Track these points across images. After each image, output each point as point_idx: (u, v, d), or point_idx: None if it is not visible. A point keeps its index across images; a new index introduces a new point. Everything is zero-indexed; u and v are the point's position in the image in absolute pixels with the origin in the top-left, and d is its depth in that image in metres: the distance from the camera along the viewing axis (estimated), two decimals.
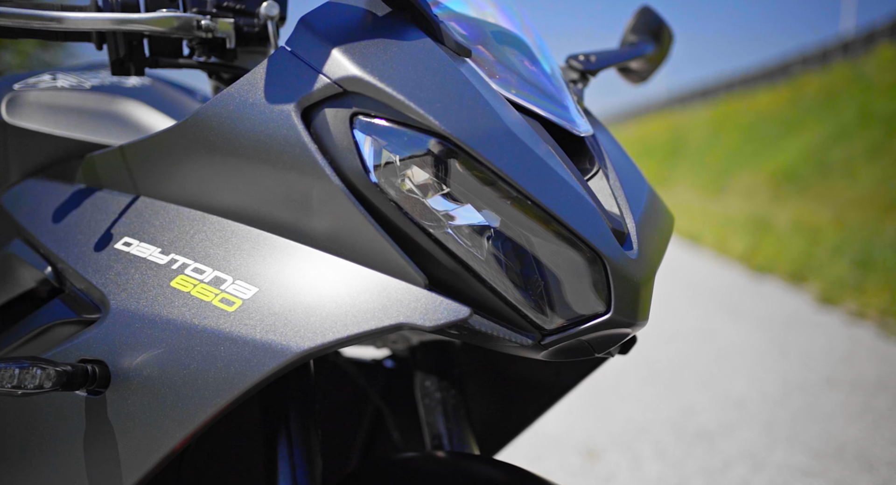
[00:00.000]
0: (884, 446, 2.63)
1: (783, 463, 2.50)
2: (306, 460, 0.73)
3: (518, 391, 0.97)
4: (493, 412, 1.00)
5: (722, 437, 2.74)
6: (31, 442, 0.72)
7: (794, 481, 2.37)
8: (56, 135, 0.87)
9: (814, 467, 2.47)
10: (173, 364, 0.64)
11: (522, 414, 0.98)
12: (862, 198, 9.21)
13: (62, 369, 0.63)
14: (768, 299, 5.34)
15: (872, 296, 4.80)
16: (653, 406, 3.08)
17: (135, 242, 0.71)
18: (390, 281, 0.61)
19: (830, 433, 2.76)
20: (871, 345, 3.99)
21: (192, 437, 0.64)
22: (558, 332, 0.64)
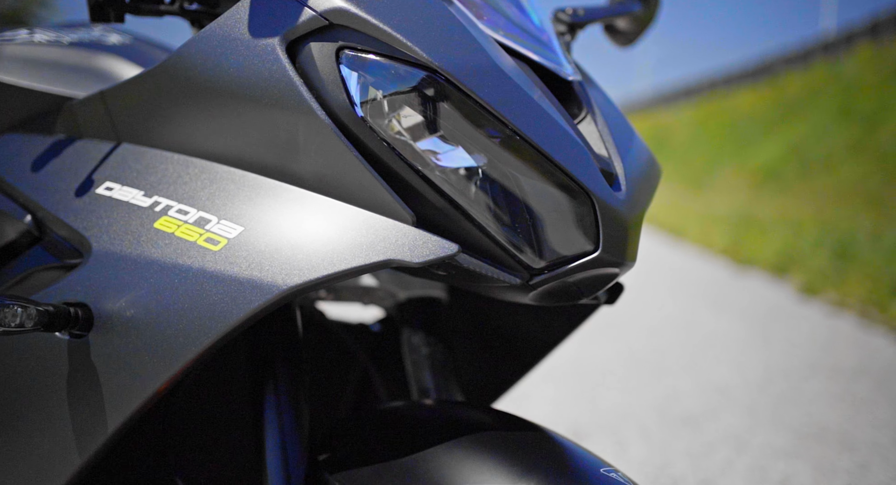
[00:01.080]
0: (864, 428, 2.67)
1: (766, 444, 2.53)
2: (293, 408, 0.73)
3: (507, 347, 0.97)
4: (482, 369, 1.00)
5: (706, 420, 2.76)
6: (11, 386, 0.71)
7: (777, 461, 2.39)
8: (33, 89, 0.85)
9: (796, 447, 2.50)
10: (157, 304, 0.64)
11: (511, 370, 0.98)
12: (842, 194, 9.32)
13: (44, 309, 0.63)
14: (751, 291, 5.38)
15: (853, 287, 4.85)
16: (637, 392, 3.10)
17: (117, 187, 0.71)
18: (378, 218, 0.61)
19: (812, 417, 2.79)
20: (851, 334, 4.03)
21: (177, 377, 0.64)
22: (546, 271, 0.64)
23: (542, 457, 0.65)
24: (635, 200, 0.68)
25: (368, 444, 0.70)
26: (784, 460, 2.40)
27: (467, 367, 0.99)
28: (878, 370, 3.35)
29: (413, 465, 0.66)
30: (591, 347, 3.68)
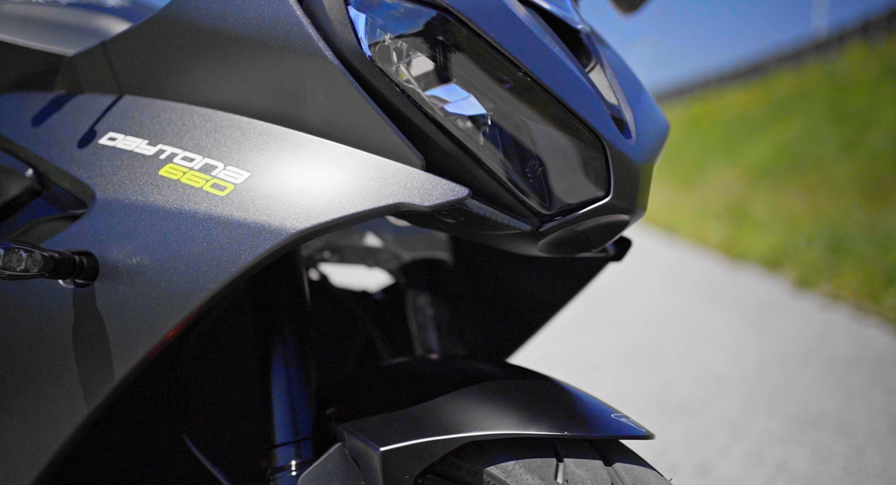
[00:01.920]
0: (860, 415, 2.68)
1: (763, 430, 2.53)
2: (301, 362, 0.72)
3: (512, 308, 0.97)
4: (487, 331, 0.99)
5: (702, 408, 2.77)
6: (17, 337, 0.70)
7: (774, 446, 2.40)
8: (32, 47, 0.85)
9: (792, 434, 2.50)
10: (164, 251, 0.63)
11: (517, 331, 0.97)
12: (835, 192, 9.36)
13: (49, 255, 0.62)
14: (745, 285, 5.40)
15: (847, 280, 4.87)
16: (633, 381, 3.10)
17: (120, 137, 0.70)
18: (388, 162, 0.60)
19: (808, 403, 2.80)
20: (846, 325, 4.05)
21: (185, 324, 0.63)
22: (556, 217, 0.64)
23: (551, 403, 0.65)
24: (646, 149, 0.68)
25: (375, 396, 0.70)
26: (781, 445, 2.40)
27: (472, 329, 0.98)
28: (874, 360, 3.37)
29: (422, 413, 0.65)
30: (585, 337, 3.68)
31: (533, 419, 0.62)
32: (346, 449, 0.67)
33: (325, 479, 0.67)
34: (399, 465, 0.63)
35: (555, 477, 0.60)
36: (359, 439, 0.65)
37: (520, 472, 0.61)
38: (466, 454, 0.64)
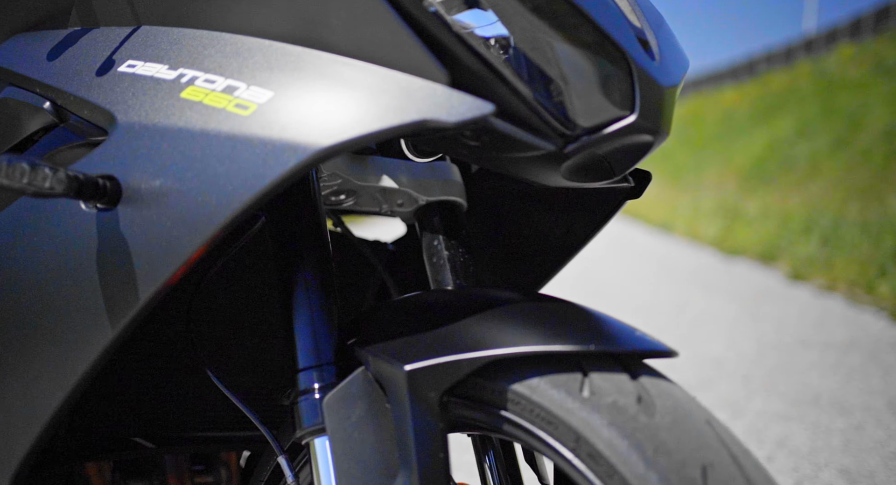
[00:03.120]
0: (857, 394, 2.70)
1: (762, 410, 2.55)
2: (322, 288, 0.72)
3: (528, 253, 0.97)
4: (504, 274, 0.99)
5: (701, 389, 2.78)
6: (41, 262, 0.70)
7: (774, 424, 2.41)
8: None
9: (791, 412, 2.52)
10: (187, 171, 0.63)
11: (535, 274, 0.97)
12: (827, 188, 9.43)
13: (73, 175, 0.62)
14: (740, 277, 5.43)
15: (841, 270, 4.91)
16: None
17: (139, 63, 0.70)
18: (411, 79, 0.61)
19: (806, 385, 2.82)
20: (841, 312, 4.08)
21: (209, 244, 0.63)
22: (581, 138, 0.64)
23: (575, 321, 0.65)
24: (670, 72, 0.68)
25: (397, 323, 0.70)
26: (780, 423, 2.42)
27: (488, 272, 0.98)
28: (869, 343, 3.39)
29: (445, 335, 0.66)
30: None
31: (557, 336, 0.63)
32: (370, 373, 0.68)
33: (349, 401, 0.67)
34: (424, 384, 0.63)
35: (580, 391, 0.60)
36: (383, 360, 0.65)
37: (545, 388, 0.62)
38: (490, 374, 0.64)
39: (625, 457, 0.57)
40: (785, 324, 3.84)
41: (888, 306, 4.00)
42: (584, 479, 0.59)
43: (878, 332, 3.60)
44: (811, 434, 2.31)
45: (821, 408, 2.55)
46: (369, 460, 0.65)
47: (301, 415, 0.69)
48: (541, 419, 0.62)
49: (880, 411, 2.50)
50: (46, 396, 0.69)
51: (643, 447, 0.57)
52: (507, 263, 1.00)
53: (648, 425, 0.58)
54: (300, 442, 0.71)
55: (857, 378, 2.88)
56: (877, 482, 1.94)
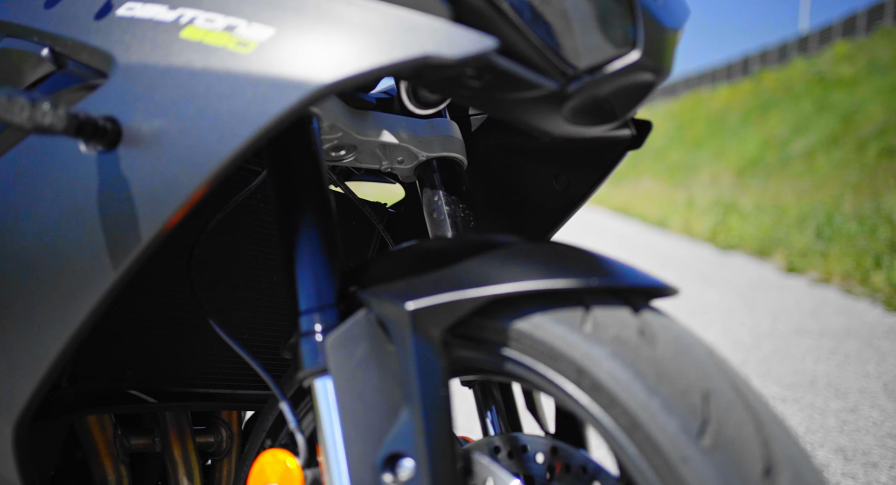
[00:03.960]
0: (852, 378, 2.71)
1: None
2: (324, 229, 0.73)
3: (529, 208, 0.97)
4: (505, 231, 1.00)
5: None
6: (42, 207, 0.70)
7: None
8: None
9: (787, 396, 2.53)
10: (188, 110, 0.63)
11: (536, 230, 0.98)
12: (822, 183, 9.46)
13: (73, 113, 0.62)
14: (736, 269, 5.45)
15: (835, 262, 4.93)
16: None
17: (138, 5, 0.70)
18: (413, 15, 0.61)
19: (801, 370, 2.83)
20: (836, 302, 4.10)
21: (212, 183, 0.63)
22: (583, 76, 0.64)
23: (576, 260, 0.65)
24: (673, 14, 0.69)
25: (398, 267, 0.70)
26: (776, 405, 2.43)
27: (489, 229, 0.99)
28: (865, 331, 3.41)
29: (447, 275, 0.66)
30: None
31: (559, 273, 0.63)
32: (372, 315, 0.68)
33: (351, 341, 0.67)
34: (427, 322, 0.63)
35: (582, 326, 0.61)
36: (385, 300, 0.66)
37: (547, 324, 0.62)
38: (492, 312, 0.64)
39: (626, 387, 0.57)
40: (780, 314, 3.85)
41: (883, 296, 4.02)
42: (586, 411, 0.60)
43: (874, 320, 3.62)
44: (807, 416, 2.32)
45: (816, 391, 2.57)
46: (372, 400, 0.66)
47: (303, 356, 0.69)
48: (543, 355, 0.62)
49: (875, 394, 2.52)
50: (49, 339, 0.69)
51: (645, 377, 0.57)
52: (507, 219, 1.00)
53: (650, 355, 0.58)
54: (302, 384, 0.71)
55: (852, 364, 2.89)
56: (871, 460, 1.95)
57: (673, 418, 0.55)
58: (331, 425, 0.67)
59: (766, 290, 4.54)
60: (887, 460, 1.94)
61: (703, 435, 0.54)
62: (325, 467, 0.67)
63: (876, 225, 5.49)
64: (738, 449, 0.54)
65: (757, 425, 0.56)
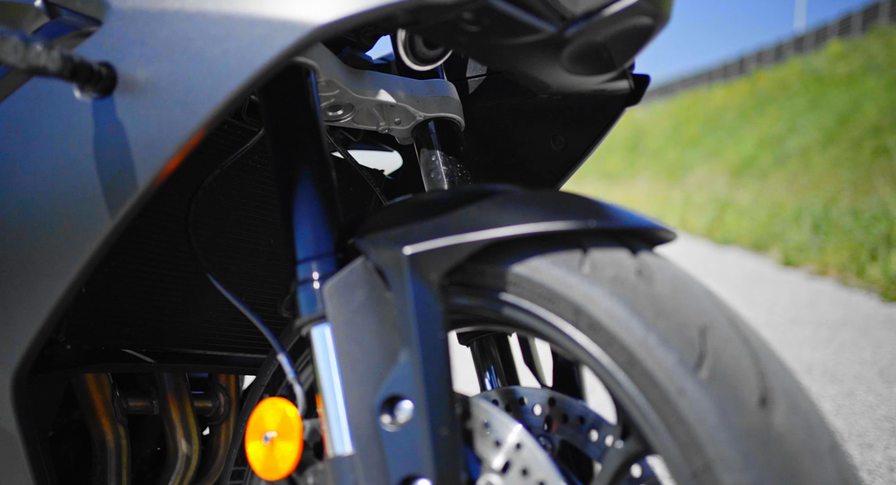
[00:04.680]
0: (848, 365, 2.71)
1: None
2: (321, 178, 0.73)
3: (528, 168, 0.97)
4: None
5: None
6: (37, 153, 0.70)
7: None
8: None
9: None
10: (183, 54, 0.63)
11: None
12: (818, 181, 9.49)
13: (68, 55, 0.62)
14: (732, 263, 5.46)
15: (832, 256, 4.94)
16: None
17: None
18: None
19: (798, 357, 2.84)
20: (832, 294, 4.11)
21: (207, 129, 0.63)
22: (581, 21, 0.64)
23: (574, 203, 0.66)
24: None
25: (396, 216, 0.70)
26: None
27: None
28: (861, 321, 3.42)
29: (445, 221, 0.66)
30: None
31: (557, 216, 0.63)
32: (370, 263, 0.68)
33: (349, 288, 0.67)
34: (425, 266, 0.64)
35: (580, 268, 0.61)
36: (383, 247, 0.66)
37: (545, 267, 0.62)
38: (490, 257, 0.65)
39: (624, 323, 0.58)
40: (777, 305, 3.86)
41: (879, 288, 4.03)
42: (583, 351, 0.60)
43: (870, 311, 3.63)
44: None
45: (813, 377, 2.57)
46: (370, 345, 0.66)
47: (300, 304, 0.69)
48: (541, 297, 0.62)
49: (871, 380, 2.53)
50: (46, 289, 0.69)
51: (642, 313, 0.57)
52: (506, 180, 1.00)
53: (648, 293, 0.58)
54: (301, 333, 0.71)
55: (848, 352, 2.90)
56: (867, 441, 1.95)
57: (670, 353, 0.55)
58: (329, 371, 0.68)
59: (762, 283, 4.55)
60: (882, 441, 1.95)
61: (699, 368, 0.54)
62: (323, 411, 0.67)
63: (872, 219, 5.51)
64: (734, 381, 0.54)
65: (753, 357, 0.56)
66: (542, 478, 0.61)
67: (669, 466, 0.55)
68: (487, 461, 0.64)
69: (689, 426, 0.53)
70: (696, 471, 0.53)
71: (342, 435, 0.66)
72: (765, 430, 0.52)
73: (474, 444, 0.65)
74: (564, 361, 0.80)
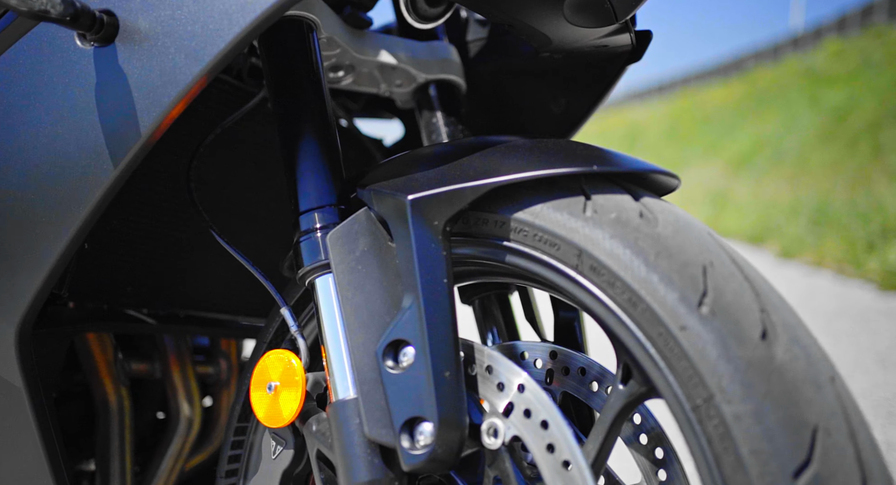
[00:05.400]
0: (846, 351, 2.73)
1: None
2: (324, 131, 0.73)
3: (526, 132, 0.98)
4: None
5: None
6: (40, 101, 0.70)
7: None
8: None
9: None
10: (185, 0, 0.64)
11: None
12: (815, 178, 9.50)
13: (69, 0, 0.62)
14: None
15: (829, 249, 4.95)
16: None
17: None
18: None
19: None
20: (829, 286, 4.12)
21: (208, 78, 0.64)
22: None
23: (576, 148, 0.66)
24: None
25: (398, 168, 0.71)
26: None
27: None
28: (858, 311, 3.43)
29: (448, 169, 0.66)
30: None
31: (559, 162, 0.64)
32: (373, 213, 0.68)
33: (352, 237, 0.67)
34: (428, 212, 0.64)
35: (583, 212, 0.61)
36: (386, 195, 0.66)
37: (547, 212, 0.63)
38: (492, 205, 0.65)
39: (626, 264, 0.58)
40: None
41: (876, 279, 4.04)
42: (586, 293, 0.60)
43: (867, 301, 3.64)
44: None
45: None
46: (373, 292, 0.66)
47: (302, 254, 0.70)
48: (543, 242, 0.63)
49: (868, 366, 2.53)
50: (49, 240, 0.69)
51: (645, 253, 0.58)
52: None
53: (650, 233, 0.59)
54: (303, 283, 0.71)
55: (845, 339, 2.91)
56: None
57: (673, 290, 0.56)
58: (332, 319, 0.68)
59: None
60: (879, 421, 1.96)
61: (702, 304, 0.55)
62: (326, 358, 0.68)
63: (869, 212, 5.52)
64: (736, 316, 0.54)
65: (755, 293, 0.56)
66: (544, 418, 0.61)
67: (670, 403, 0.55)
68: (490, 404, 0.64)
69: (691, 360, 0.54)
70: (696, 405, 0.53)
71: (346, 380, 0.66)
72: (766, 361, 0.52)
73: (477, 388, 0.65)
74: (566, 317, 0.81)
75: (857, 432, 0.52)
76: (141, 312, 0.90)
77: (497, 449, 0.62)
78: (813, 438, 0.50)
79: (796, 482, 0.49)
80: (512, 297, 0.88)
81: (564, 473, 0.59)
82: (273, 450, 0.71)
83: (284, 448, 0.70)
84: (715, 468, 0.51)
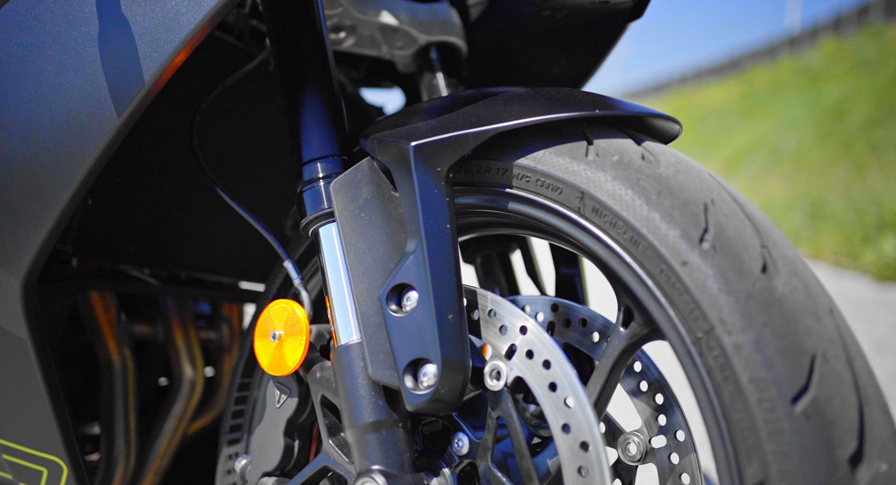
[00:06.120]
0: None
1: None
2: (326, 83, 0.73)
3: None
4: None
5: None
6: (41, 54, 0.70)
7: None
8: None
9: None
10: None
11: None
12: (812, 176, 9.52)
13: None
14: None
15: (826, 242, 4.97)
16: None
17: None
18: None
19: None
20: (827, 278, 4.13)
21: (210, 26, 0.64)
22: None
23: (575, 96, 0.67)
24: None
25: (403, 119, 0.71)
26: None
27: None
28: (855, 302, 3.44)
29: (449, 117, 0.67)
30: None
31: (560, 107, 0.64)
32: (376, 162, 0.69)
33: (356, 184, 0.68)
34: (431, 158, 0.64)
35: (585, 156, 0.62)
36: (390, 143, 0.67)
37: (550, 157, 0.63)
38: (494, 152, 0.66)
39: (628, 203, 0.59)
40: None
41: (872, 271, 4.06)
42: (589, 235, 0.61)
43: (864, 291, 3.65)
44: None
45: None
46: (376, 239, 0.66)
47: (306, 203, 0.70)
48: (545, 187, 0.63)
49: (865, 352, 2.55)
50: (54, 190, 0.70)
51: (647, 193, 0.58)
52: None
53: (652, 174, 0.59)
54: (306, 233, 0.72)
55: None
56: None
57: (674, 228, 0.56)
58: (336, 267, 0.68)
59: None
60: None
61: (703, 240, 0.55)
62: (330, 305, 0.68)
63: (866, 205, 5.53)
64: (736, 251, 0.55)
65: (755, 229, 0.57)
66: (546, 358, 0.62)
67: (671, 338, 0.56)
68: (493, 347, 0.65)
69: (692, 294, 0.54)
70: (697, 338, 0.54)
71: (349, 326, 0.67)
72: (766, 293, 0.53)
73: (480, 332, 0.66)
74: (567, 272, 0.82)
75: (855, 359, 0.53)
76: (143, 273, 0.90)
77: (500, 391, 0.63)
78: (811, 365, 0.51)
79: (794, 408, 0.49)
80: (513, 256, 0.88)
81: (567, 410, 0.59)
82: (277, 399, 0.71)
83: (288, 397, 0.71)
84: (715, 398, 0.52)
